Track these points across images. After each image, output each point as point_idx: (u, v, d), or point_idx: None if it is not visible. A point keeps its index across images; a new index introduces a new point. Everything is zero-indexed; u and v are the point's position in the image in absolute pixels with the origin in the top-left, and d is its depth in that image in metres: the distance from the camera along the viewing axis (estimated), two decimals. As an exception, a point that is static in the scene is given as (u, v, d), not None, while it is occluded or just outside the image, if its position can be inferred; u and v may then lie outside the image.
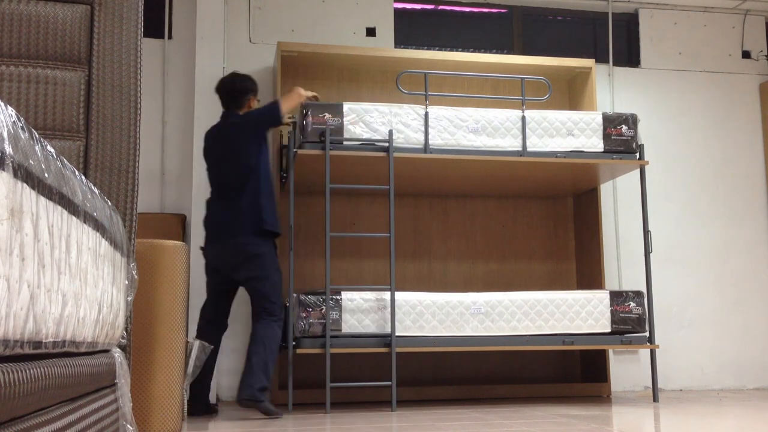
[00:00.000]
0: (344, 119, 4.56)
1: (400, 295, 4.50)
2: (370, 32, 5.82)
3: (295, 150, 4.54)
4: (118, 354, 2.06)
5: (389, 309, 4.43)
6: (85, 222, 1.43)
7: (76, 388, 1.42)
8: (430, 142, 4.67)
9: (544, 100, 5.01)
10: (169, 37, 5.52)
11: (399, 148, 4.62)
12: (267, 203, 4.23)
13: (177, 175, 5.36)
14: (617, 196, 5.99)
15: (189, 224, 5.08)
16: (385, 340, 4.41)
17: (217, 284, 4.34)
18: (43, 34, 2.40)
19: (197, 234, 4.80)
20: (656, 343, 4.84)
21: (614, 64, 6.19)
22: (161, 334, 3.13)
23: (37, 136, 1.14)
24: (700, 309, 6.03)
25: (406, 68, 5.39)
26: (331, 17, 5.78)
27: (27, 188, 1.04)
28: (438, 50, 5.77)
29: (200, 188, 4.91)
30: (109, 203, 1.90)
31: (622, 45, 6.34)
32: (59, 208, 1.23)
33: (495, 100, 5.57)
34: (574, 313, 4.70)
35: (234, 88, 4.44)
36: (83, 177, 1.53)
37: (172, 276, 3.20)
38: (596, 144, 4.89)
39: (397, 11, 5.95)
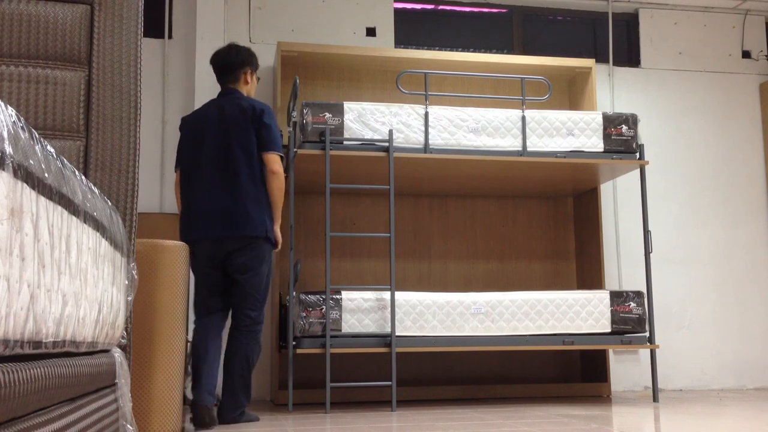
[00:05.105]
0: (344, 119, 4.56)
1: (400, 295, 4.50)
2: (370, 32, 5.82)
3: (295, 150, 4.54)
4: (118, 354, 2.06)
5: (389, 309, 4.43)
6: (85, 222, 1.43)
7: (76, 388, 1.42)
8: (430, 142, 4.67)
9: (544, 100, 5.01)
10: (169, 37, 5.52)
11: (399, 148, 4.62)
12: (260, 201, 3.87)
13: (177, 175, 5.35)
14: (617, 196, 5.99)
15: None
16: (385, 340, 4.41)
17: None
18: (43, 34, 2.40)
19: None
20: (656, 343, 4.84)
21: (614, 64, 6.18)
22: (161, 334, 3.13)
23: (37, 136, 1.14)
24: (700, 309, 6.02)
25: (406, 68, 5.39)
26: (331, 17, 5.78)
27: (27, 188, 1.04)
28: (438, 50, 5.77)
29: (200, 188, 4.90)
30: (109, 203, 1.90)
31: (622, 45, 6.34)
32: (59, 208, 1.23)
33: (495, 100, 5.57)
34: (574, 313, 4.70)
35: (228, 62, 4.00)
36: (83, 177, 1.53)
37: (172, 276, 3.20)
38: (596, 144, 4.89)
39: (397, 11, 5.95)
